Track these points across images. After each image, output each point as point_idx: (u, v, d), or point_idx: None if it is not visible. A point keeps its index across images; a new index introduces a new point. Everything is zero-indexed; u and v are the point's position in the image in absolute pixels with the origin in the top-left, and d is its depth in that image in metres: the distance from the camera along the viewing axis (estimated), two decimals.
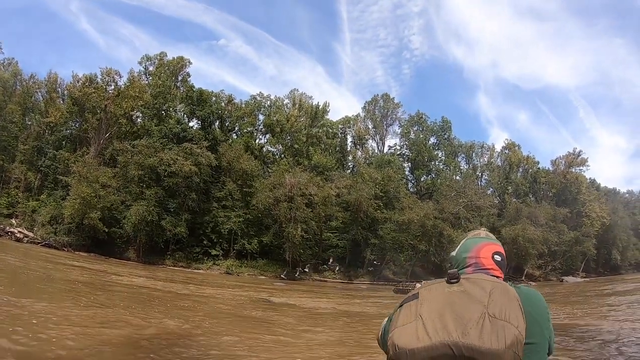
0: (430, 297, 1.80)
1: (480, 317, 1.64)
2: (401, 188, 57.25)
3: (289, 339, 13.63)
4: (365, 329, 16.96)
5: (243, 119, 61.71)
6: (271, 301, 25.02)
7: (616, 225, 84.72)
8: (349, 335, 15.59)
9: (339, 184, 51.45)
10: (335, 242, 53.48)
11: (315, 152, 60.96)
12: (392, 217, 52.01)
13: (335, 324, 18.84)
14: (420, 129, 73.58)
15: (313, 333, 15.34)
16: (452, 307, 1.71)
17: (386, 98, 75.49)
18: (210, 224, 49.28)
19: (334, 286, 44.64)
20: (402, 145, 73.76)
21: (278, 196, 46.83)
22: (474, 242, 2.21)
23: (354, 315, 21.87)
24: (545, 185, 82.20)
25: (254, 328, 15.29)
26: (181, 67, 59.72)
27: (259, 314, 19.08)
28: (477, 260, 2.11)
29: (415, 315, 1.75)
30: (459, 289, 1.79)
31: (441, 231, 52.61)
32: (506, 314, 1.65)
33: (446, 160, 75.42)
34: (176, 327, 13.35)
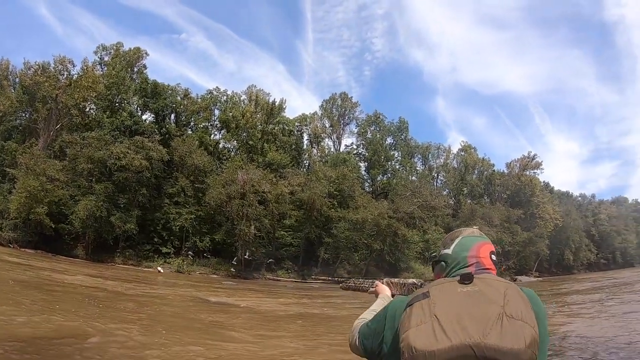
0: (443, 296, 1.75)
1: (498, 318, 1.62)
2: (356, 187, 57.96)
3: (255, 348, 12.86)
4: (329, 331, 16.88)
5: (198, 114, 61.35)
6: (222, 302, 24.26)
7: (569, 227, 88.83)
8: (317, 340, 15.18)
9: (293, 181, 51.81)
10: (289, 241, 53.62)
11: (270, 149, 61.22)
12: (346, 216, 52.59)
13: (298, 327, 18.20)
14: (377, 129, 74.89)
15: (277, 339, 14.82)
16: (469, 308, 1.68)
17: (344, 97, 76.26)
18: (161, 221, 48.60)
19: (285, 285, 44.89)
20: (359, 144, 75.23)
21: (230, 193, 46.70)
22: (472, 240, 2.15)
23: (312, 316, 21.45)
24: (500, 187, 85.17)
25: (204, 334, 14.27)
26: (137, 58, 58.85)
27: (209, 318, 18.05)
28: (478, 260, 2.06)
29: (429, 315, 1.68)
30: (472, 289, 1.76)
31: (395, 231, 53.58)
32: (522, 314, 1.64)
33: (402, 160, 77.11)
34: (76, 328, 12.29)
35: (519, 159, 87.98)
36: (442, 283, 1.82)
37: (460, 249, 2.10)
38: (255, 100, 65.09)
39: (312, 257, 53.78)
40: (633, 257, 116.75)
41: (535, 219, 79.64)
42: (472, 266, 2.02)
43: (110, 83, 53.27)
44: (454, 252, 2.11)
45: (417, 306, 1.73)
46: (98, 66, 57.50)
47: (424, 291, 1.79)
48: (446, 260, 2.12)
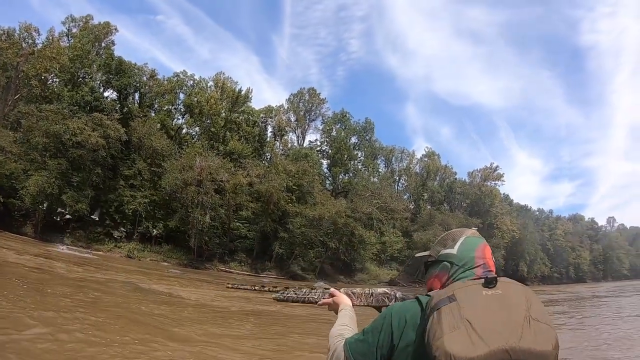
0: (470, 300, 1.71)
1: (525, 321, 1.62)
2: (315, 183, 58.24)
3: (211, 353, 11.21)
4: (290, 331, 16.36)
5: (163, 96, 60.46)
6: (169, 293, 22.89)
7: (525, 240, 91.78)
8: (281, 342, 14.28)
9: (252, 172, 51.71)
10: (245, 233, 53.41)
11: (232, 138, 61.05)
12: (303, 211, 52.64)
13: (252, 326, 16.80)
14: (343, 127, 75.05)
15: (234, 339, 13.39)
16: (496, 311, 1.66)
17: (312, 92, 76.50)
18: (114, 203, 47.67)
19: (234, 278, 44.41)
20: (323, 141, 75.60)
21: (187, 179, 46.45)
22: (477, 241, 2.11)
23: (266, 314, 20.55)
24: (460, 195, 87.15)
25: (147, 330, 12.52)
26: (106, 33, 57.15)
27: (154, 310, 16.29)
28: (485, 261, 2.03)
29: (461, 319, 1.64)
30: (496, 292, 1.73)
31: (352, 230, 53.60)
32: (545, 318, 1.66)
33: (365, 161, 78.06)
34: None
35: (481, 170, 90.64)
36: (466, 286, 1.78)
37: (466, 249, 2.06)
38: (222, 87, 64.37)
39: (267, 251, 53.70)
40: (585, 273, 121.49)
41: (493, 229, 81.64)
42: (480, 267, 2.01)
43: (75, 56, 51.62)
44: (460, 252, 2.06)
45: (446, 310, 1.68)
46: (65, 38, 56.10)
47: (448, 294, 1.75)
48: (451, 261, 2.06)
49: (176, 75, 62.96)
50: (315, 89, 77.03)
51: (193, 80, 64.28)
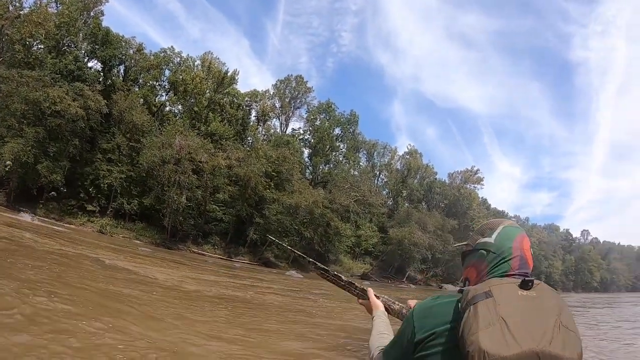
0: (506, 298, 1.69)
1: (556, 326, 1.61)
2: (295, 171, 57.94)
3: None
4: (283, 320, 15.62)
5: (148, 71, 59.58)
6: (140, 273, 21.04)
7: None
8: (259, 328, 13.17)
9: (232, 155, 51.25)
10: (220, 216, 53.20)
11: (215, 119, 60.75)
12: (280, 198, 52.73)
13: (230, 313, 15.53)
14: (327, 118, 74.71)
15: (212, 324, 12.51)
16: (530, 313, 1.64)
17: (299, 80, 76.16)
18: (90, 176, 47.20)
19: (204, 260, 43.61)
20: (306, 130, 75.26)
21: (165, 157, 46.16)
22: (515, 231, 2.04)
23: (240, 300, 19.26)
24: (439, 195, 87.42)
25: (117, 313, 10.95)
26: (96, 2, 56.20)
27: (124, 290, 14.78)
28: (522, 252, 1.98)
29: (497, 317, 1.63)
30: (531, 294, 1.72)
31: (329, 221, 53.68)
32: (573, 325, 1.66)
33: (347, 153, 77.93)
34: None
35: (462, 172, 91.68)
36: (502, 284, 1.76)
37: (504, 238, 2.00)
38: (208, 67, 63.84)
39: (241, 236, 53.69)
40: (557, 282, 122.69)
41: (469, 231, 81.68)
42: (517, 258, 1.96)
43: (61, 22, 50.64)
44: (498, 241, 2.00)
45: (483, 306, 1.67)
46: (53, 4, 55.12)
47: (485, 290, 1.73)
48: (488, 249, 2.01)
49: (163, 51, 62.27)
50: (302, 77, 76.77)
51: (180, 58, 63.83)
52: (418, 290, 52.72)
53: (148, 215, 49.04)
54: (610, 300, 61.97)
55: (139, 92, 56.86)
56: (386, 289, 46.00)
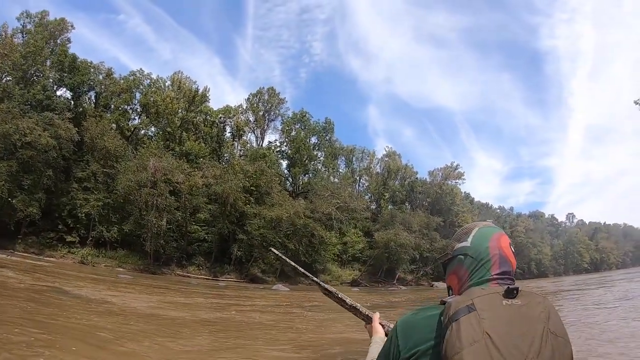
0: (489, 310, 1.63)
1: (544, 335, 1.56)
2: (274, 183, 57.48)
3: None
4: (250, 341, 14.37)
5: (119, 96, 59.03)
6: (113, 303, 19.41)
7: None
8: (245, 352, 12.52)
9: (208, 173, 50.77)
10: (203, 236, 52.75)
11: (189, 139, 60.28)
12: (261, 212, 52.12)
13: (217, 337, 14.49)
14: (302, 127, 74.24)
15: (196, 354, 11.77)
16: (516, 324, 1.58)
17: (271, 92, 75.76)
18: (67, 207, 46.48)
19: (188, 282, 42.48)
20: (283, 142, 74.41)
21: (140, 180, 45.48)
22: (490, 231, 2.00)
23: (222, 322, 18.07)
24: (421, 194, 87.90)
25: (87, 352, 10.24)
26: (62, 30, 55.49)
27: (101, 323, 13.83)
28: (500, 251, 1.92)
29: (481, 332, 1.56)
30: (516, 302, 1.65)
31: (312, 231, 53.33)
32: (562, 330, 1.61)
33: (325, 161, 77.81)
34: None
35: (442, 168, 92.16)
36: (485, 294, 1.69)
37: (479, 240, 1.95)
38: (179, 87, 63.35)
39: (226, 254, 52.98)
40: (547, 268, 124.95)
41: (455, 227, 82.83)
42: (495, 257, 1.88)
43: (27, 52, 50.12)
44: (474, 244, 1.95)
45: (465, 321, 1.59)
46: (19, 34, 54.42)
47: (467, 303, 1.65)
48: (466, 253, 1.95)
49: (132, 74, 61.79)
50: (274, 89, 76.35)
51: (150, 79, 63.27)
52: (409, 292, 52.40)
53: (129, 241, 48.18)
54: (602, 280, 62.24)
55: (111, 117, 56.32)
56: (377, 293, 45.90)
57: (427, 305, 1.91)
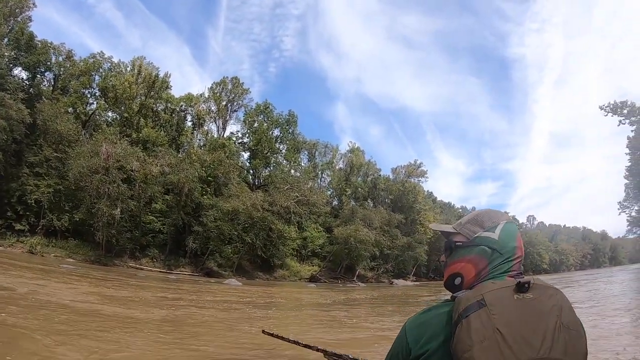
0: (500, 305, 1.57)
1: (557, 328, 1.52)
2: (232, 175, 56.55)
3: None
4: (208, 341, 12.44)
5: (78, 78, 57.16)
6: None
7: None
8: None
9: (163, 161, 49.47)
10: (158, 227, 51.32)
11: (147, 125, 58.68)
12: (217, 204, 51.33)
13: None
14: (265, 119, 72.83)
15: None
16: (528, 318, 1.54)
17: (235, 82, 74.24)
18: (17, 193, 44.51)
19: (135, 274, 40.70)
20: (245, 133, 73.15)
21: (92, 166, 43.71)
22: (515, 228, 1.90)
23: (171, 321, 15.45)
24: (384, 191, 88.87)
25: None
26: (22, 7, 53.21)
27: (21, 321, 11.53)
28: (522, 253, 1.87)
29: (492, 329, 1.52)
30: (528, 296, 1.59)
31: (270, 225, 52.41)
32: (575, 324, 1.57)
33: (287, 154, 76.25)
34: None
35: (405, 166, 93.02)
36: (495, 289, 1.63)
37: (508, 237, 1.85)
38: (139, 71, 61.52)
39: (181, 246, 52.06)
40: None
41: (416, 225, 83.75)
42: (518, 259, 1.84)
43: None
44: (502, 240, 1.84)
45: (475, 318, 1.56)
46: None
47: (477, 299, 1.61)
48: (493, 247, 1.83)
49: (93, 57, 59.92)
50: (238, 79, 74.78)
51: (111, 63, 61.57)
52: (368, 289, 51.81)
53: (81, 231, 46.68)
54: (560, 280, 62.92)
55: (67, 101, 54.42)
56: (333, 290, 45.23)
57: (437, 303, 1.82)
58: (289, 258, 63.90)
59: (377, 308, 26.85)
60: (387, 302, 30.95)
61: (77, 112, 55.01)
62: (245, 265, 55.14)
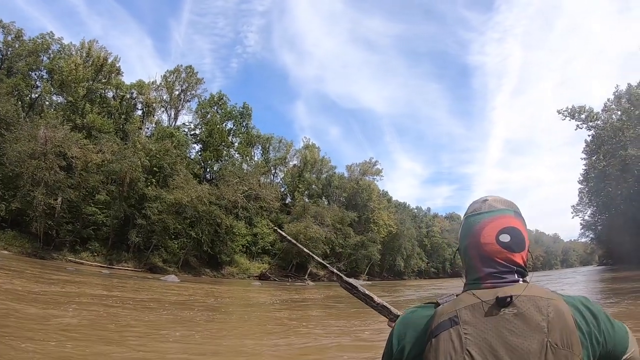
0: (475, 323, 1.43)
1: (542, 349, 1.35)
2: (179, 165, 54.68)
3: None
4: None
5: (24, 59, 54.61)
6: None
7: (402, 235, 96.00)
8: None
9: (106, 148, 47.14)
10: (101, 219, 48.51)
11: (92, 111, 56.23)
12: (160, 195, 49.28)
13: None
14: (219, 111, 71.06)
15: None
16: (507, 338, 1.39)
17: (190, 71, 72.00)
18: None
19: (64, 268, 38.09)
20: (197, 124, 71.13)
21: (28, 150, 41.35)
22: (473, 221, 1.68)
23: (93, 326, 12.56)
24: (338, 189, 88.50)
25: None
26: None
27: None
28: (481, 250, 1.62)
29: (461, 350, 1.39)
30: (511, 311, 1.43)
31: (217, 219, 50.81)
32: (569, 341, 1.38)
33: (239, 147, 74.36)
34: None
35: (360, 164, 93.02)
36: (473, 303, 1.48)
37: (462, 237, 1.71)
38: (88, 53, 59.01)
39: (124, 240, 49.73)
40: (461, 268, 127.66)
41: (370, 223, 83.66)
42: (475, 259, 1.63)
43: None
44: (460, 240, 1.74)
45: (445, 337, 1.44)
46: None
47: (451, 315, 1.47)
48: (459, 250, 1.75)
49: (42, 37, 57.19)
50: (192, 68, 72.59)
51: (60, 44, 58.97)
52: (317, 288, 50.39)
53: (19, 221, 44.16)
54: None
55: (10, 82, 51.57)
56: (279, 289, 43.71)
57: (421, 304, 1.70)
58: (238, 255, 62.38)
59: (320, 310, 25.58)
60: (331, 303, 29.43)
61: (20, 94, 52.50)
62: (191, 261, 53.51)
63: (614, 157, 59.47)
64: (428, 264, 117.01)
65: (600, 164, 62.31)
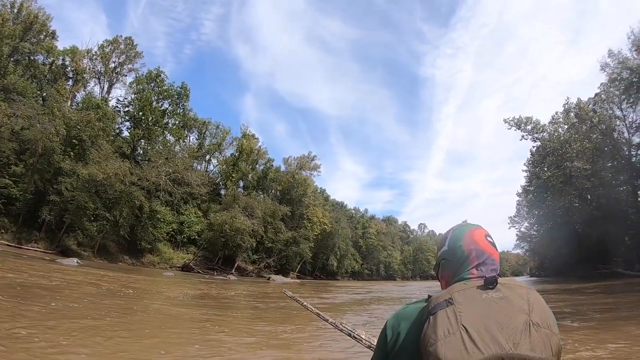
0: (468, 303, 1.64)
1: (525, 326, 1.56)
2: (101, 139, 50.30)
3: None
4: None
5: None
6: None
7: (337, 234, 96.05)
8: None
9: (19, 113, 42.96)
10: (15, 194, 43.68)
11: (15, 71, 51.65)
12: (75, 169, 44.96)
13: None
14: (155, 88, 67.62)
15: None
16: (495, 316, 1.59)
17: (129, 43, 68.36)
18: None
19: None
20: (131, 100, 66.85)
21: None
22: (462, 229, 2.02)
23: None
24: (274, 182, 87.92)
25: None
26: None
27: None
28: (475, 245, 1.93)
29: (457, 325, 1.58)
30: (497, 295, 1.67)
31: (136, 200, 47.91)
32: (548, 322, 1.61)
33: (173, 129, 70.77)
34: None
35: (298, 157, 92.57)
36: (464, 288, 1.72)
37: (454, 241, 2.00)
38: (19, 10, 54.83)
39: (38, 217, 45.14)
40: (396, 271, 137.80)
41: (303, 219, 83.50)
42: (472, 252, 1.92)
43: None
44: (450, 247, 2.00)
45: (442, 315, 1.63)
46: None
47: (446, 298, 1.69)
48: (446, 257, 2.01)
49: None
50: (132, 39, 68.77)
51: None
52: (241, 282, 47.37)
53: None
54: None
55: None
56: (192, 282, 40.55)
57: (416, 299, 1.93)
58: (162, 243, 59.74)
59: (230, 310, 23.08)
60: (246, 303, 26.78)
61: None
62: (110, 246, 50.47)
63: (559, 169, 60.91)
64: (362, 266, 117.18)
65: (544, 174, 63.46)
